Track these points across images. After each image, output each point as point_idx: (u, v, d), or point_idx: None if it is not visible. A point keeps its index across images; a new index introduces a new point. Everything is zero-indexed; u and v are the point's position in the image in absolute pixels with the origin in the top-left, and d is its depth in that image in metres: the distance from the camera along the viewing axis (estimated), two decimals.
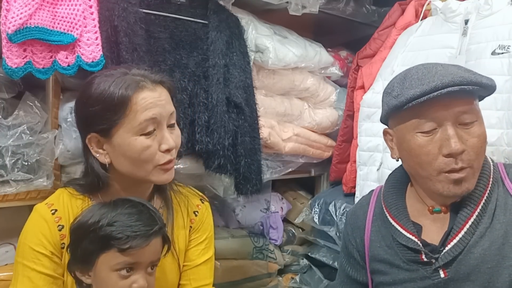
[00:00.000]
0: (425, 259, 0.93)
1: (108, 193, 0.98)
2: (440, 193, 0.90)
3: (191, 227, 1.08)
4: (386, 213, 1.01)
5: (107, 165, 0.94)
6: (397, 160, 0.99)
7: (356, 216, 1.11)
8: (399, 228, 0.97)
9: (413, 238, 0.94)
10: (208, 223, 1.12)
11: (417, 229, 0.96)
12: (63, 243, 0.92)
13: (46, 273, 0.90)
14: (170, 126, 0.95)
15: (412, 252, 0.94)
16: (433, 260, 0.92)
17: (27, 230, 0.93)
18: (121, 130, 0.90)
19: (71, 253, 0.86)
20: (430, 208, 0.96)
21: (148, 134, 0.90)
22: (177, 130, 0.98)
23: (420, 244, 0.93)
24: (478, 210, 0.90)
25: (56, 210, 0.93)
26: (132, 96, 0.89)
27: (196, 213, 1.09)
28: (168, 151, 0.92)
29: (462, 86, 0.83)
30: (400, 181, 1.04)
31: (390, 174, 1.08)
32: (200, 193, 1.15)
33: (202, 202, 1.12)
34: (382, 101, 0.97)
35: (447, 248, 0.90)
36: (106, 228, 0.81)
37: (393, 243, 0.98)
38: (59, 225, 0.92)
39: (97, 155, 0.94)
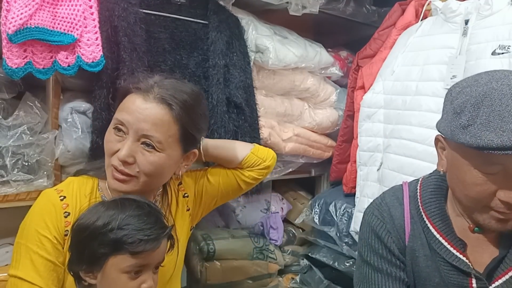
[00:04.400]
0: (475, 287, 0.82)
1: None
2: (480, 224, 0.81)
3: (185, 195, 1.12)
4: (427, 222, 0.89)
5: None
6: (441, 173, 0.87)
7: (392, 215, 0.94)
8: (445, 243, 0.85)
9: (463, 258, 0.83)
10: (190, 172, 1.17)
11: (463, 245, 0.85)
12: (67, 230, 0.92)
13: (48, 258, 0.90)
14: (145, 145, 0.91)
15: (458, 273, 0.84)
16: None
17: (33, 213, 0.93)
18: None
19: (75, 254, 0.85)
20: (471, 226, 0.85)
21: (117, 131, 0.93)
22: (153, 156, 0.92)
23: (472, 267, 0.82)
24: None
25: (64, 197, 0.94)
26: (127, 94, 0.94)
27: (186, 194, 1.13)
28: (120, 159, 0.90)
29: None
30: (440, 186, 0.91)
31: (428, 176, 0.95)
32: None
33: (180, 183, 1.15)
34: (444, 109, 0.83)
35: (497, 283, 0.81)
36: (117, 231, 0.80)
37: (434, 256, 0.88)
38: (65, 212, 0.93)
39: None
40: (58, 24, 1.14)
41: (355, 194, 1.70)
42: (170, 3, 1.43)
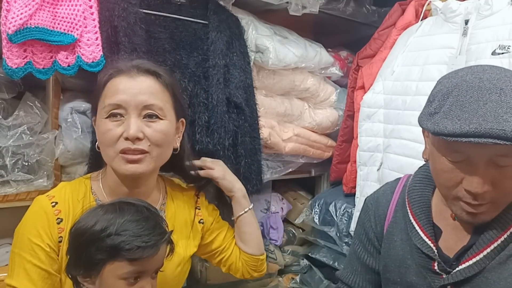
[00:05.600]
0: (437, 269, 0.88)
1: (106, 180, 0.99)
2: (454, 214, 0.86)
3: (201, 220, 1.13)
4: (407, 208, 0.95)
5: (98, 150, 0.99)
6: (425, 161, 0.93)
7: (379, 203, 1.04)
8: (417, 228, 0.91)
9: (429, 243, 0.88)
10: (212, 209, 1.19)
11: (436, 232, 0.90)
12: (61, 236, 0.91)
13: (41, 267, 0.89)
14: (147, 117, 0.92)
15: (425, 256, 0.89)
16: (443, 274, 0.87)
17: (26, 221, 0.92)
18: (99, 112, 0.94)
19: (72, 258, 0.84)
20: (453, 214, 0.89)
21: (111, 117, 0.91)
22: (158, 125, 0.94)
23: (436, 252, 0.88)
24: (506, 235, 0.82)
25: (56, 203, 0.94)
26: (108, 81, 0.93)
27: (198, 207, 1.15)
28: (128, 139, 0.90)
29: (497, 141, 0.69)
30: (429, 176, 0.95)
31: (421, 166, 1.01)
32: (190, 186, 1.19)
33: (198, 197, 1.17)
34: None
35: (461, 267, 0.84)
36: (114, 237, 0.79)
37: (409, 241, 0.93)
38: (58, 218, 0.92)
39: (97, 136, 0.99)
40: (58, 24, 1.14)
41: (355, 194, 1.70)
42: (170, 3, 1.43)
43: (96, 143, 0.98)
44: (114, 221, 0.80)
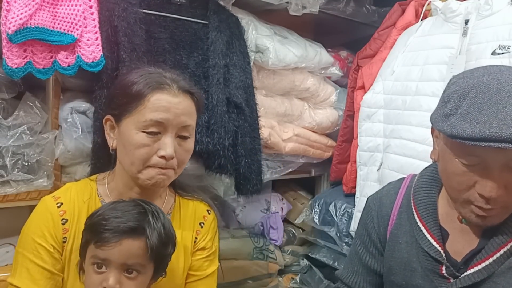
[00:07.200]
0: (445, 274, 0.86)
1: (115, 183, 1.00)
2: (463, 217, 0.84)
3: (196, 238, 1.08)
4: (413, 210, 0.93)
5: (112, 152, 0.99)
6: (434, 162, 0.90)
7: (382, 203, 1.01)
8: (424, 231, 0.89)
9: (437, 246, 0.87)
10: (214, 234, 1.12)
11: (443, 235, 0.88)
12: (65, 237, 0.92)
13: (44, 267, 0.90)
14: (181, 137, 0.94)
15: (432, 260, 0.87)
16: (451, 279, 0.85)
17: (31, 221, 0.93)
18: (129, 120, 0.92)
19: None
20: (460, 217, 0.87)
21: (150, 133, 0.91)
22: (188, 144, 0.96)
23: (444, 256, 0.86)
24: None
25: (62, 204, 0.94)
26: (149, 93, 0.91)
27: (202, 224, 1.09)
28: (164, 157, 0.91)
29: None
30: (435, 178, 0.93)
31: (427, 167, 0.99)
32: (208, 202, 1.14)
33: (209, 213, 1.12)
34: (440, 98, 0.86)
35: (469, 272, 0.83)
36: (92, 219, 0.83)
37: (414, 243, 0.92)
38: (63, 219, 0.92)
39: (108, 137, 0.99)
40: (58, 24, 1.14)
41: (355, 194, 1.70)
42: (170, 3, 1.43)
43: (111, 146, 0.97)
44: (103, 207, 0.84)
